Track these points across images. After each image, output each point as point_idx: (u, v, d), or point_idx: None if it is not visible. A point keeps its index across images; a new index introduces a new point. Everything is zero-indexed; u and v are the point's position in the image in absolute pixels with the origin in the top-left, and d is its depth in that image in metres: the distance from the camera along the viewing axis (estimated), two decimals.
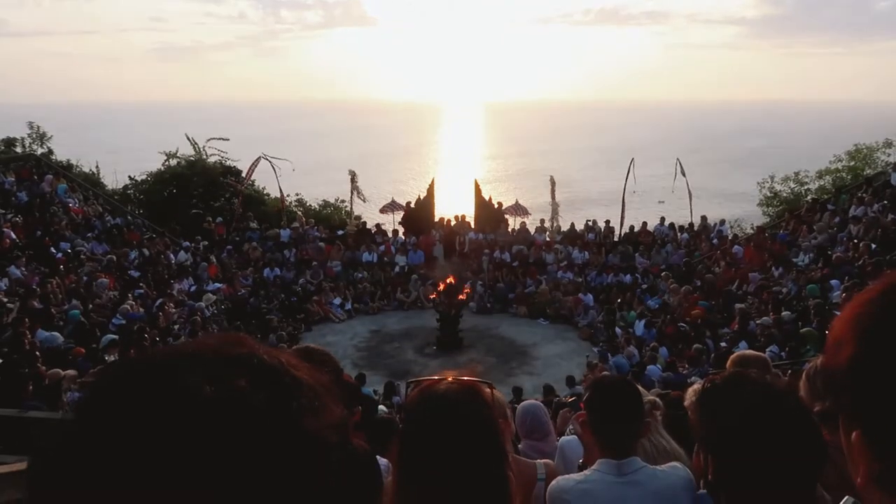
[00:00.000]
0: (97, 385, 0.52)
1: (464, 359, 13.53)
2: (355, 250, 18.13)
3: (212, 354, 0.54)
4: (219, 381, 0.51)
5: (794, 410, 1.28)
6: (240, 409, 0.50)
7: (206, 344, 0.56)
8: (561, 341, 14.60)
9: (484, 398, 1.34)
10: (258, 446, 0.49)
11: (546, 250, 18.07)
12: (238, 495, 0.47)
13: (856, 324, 0.61)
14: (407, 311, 16.56)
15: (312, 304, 15.71)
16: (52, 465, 0.48)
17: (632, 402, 1.97)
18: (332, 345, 13.55)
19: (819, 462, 1.25)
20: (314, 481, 0.52)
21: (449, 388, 1.33)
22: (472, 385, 1.36)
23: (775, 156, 50.52)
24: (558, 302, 16.06)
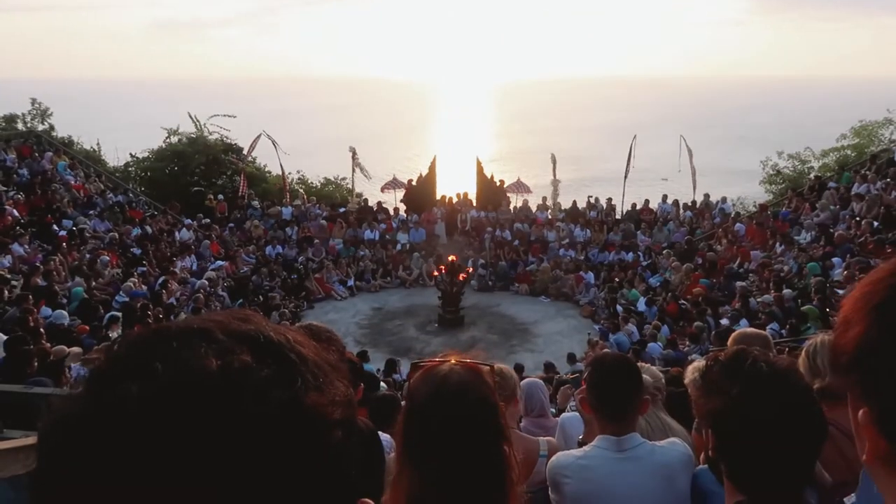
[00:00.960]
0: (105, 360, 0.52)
1: (465, 336, 13.62)
2: (357, 228, 18.12)
3: (218, 329, 0.54)
4: (224, 355, 0.51)
5: (796, 387, 1.28)
6: (244, 384, 0.50)
7: (213, 319, 0.56)
8: (562, 319, 14.67)
9: (486, 381, 1.34)
10: (262, 421, 0.49)
11: (548, 228, 18.05)
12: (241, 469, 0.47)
13: (865, 303, 0.62)
14: (409, 288, 16.61)
15: (314, 282, 15.77)
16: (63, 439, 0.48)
17: (631, 379, 1.97)
18: (334, 322, 13.63)
19: (819, 439, 1.26)
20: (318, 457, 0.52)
21: (452, 370, 1.33)
22: (474, 367, 1.36)
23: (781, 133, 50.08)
24: (560, 280, 16.10)
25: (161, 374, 0.49)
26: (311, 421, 0.52)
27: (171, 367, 0.50)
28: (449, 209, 19.00)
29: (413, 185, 19.30)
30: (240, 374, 0.51)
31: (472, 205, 19.31)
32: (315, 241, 17.45)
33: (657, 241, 17.27)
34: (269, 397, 0.51)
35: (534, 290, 16.17)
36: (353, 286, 16.27)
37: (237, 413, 0.49)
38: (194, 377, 0.49)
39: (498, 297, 16.09)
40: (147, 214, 16.64)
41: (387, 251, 17.51)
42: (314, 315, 14.42)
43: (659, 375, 2.89)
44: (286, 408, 0.51)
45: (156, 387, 0.48)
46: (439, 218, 18.62)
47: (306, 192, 20.88)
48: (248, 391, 0.50)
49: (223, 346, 0.53)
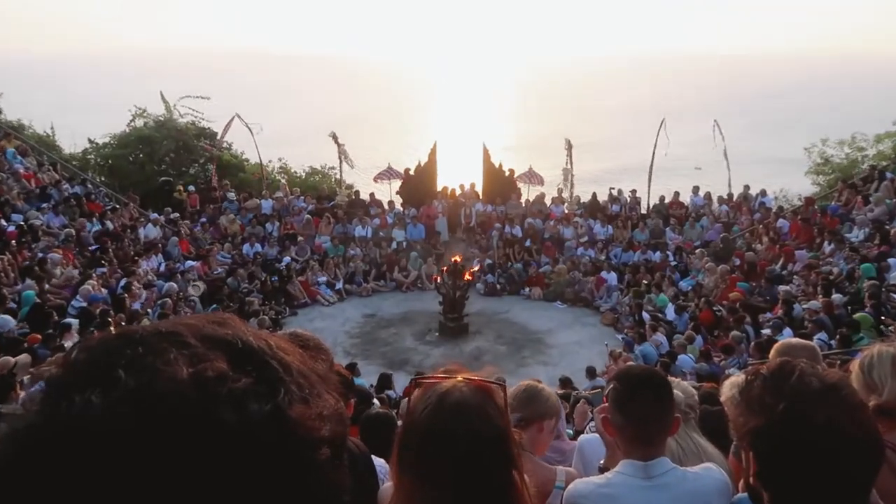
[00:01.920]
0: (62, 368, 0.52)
1: (470, 347, 13.64)
2: (347, 224, 18.14)
3: (190, 334, 0.54)
4: (197, 362, 0.51)
5: (848, 404, 1.28)
6: (219, 395, 0.50)
7: (186, 323, 0.56)
8: (580, 327, 14.68)
9: (495, 401, 1.33)
10: (239, 437, 0.49)
11: (564, 224, 18.06)
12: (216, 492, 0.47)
13: None
14: (405, 292, 16.64)
15: (298, 285, 15.79)
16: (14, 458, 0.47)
17: (661, 396, 1.96)
18: (321, 331, 13.63)
19: (875, 463, 1.25)
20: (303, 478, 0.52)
21: (458, 390, 1.33)
22: (483, 386, 1.35)
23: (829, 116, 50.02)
24: (577, 283, 16.11)
25: (125, 384, 0.49)
26: (295, 437, 0.52)
27: (136, 375, 0.49)
28: (451, 202, 19.03)
29: (410, 174, 19.31)
30: (214, 384, 0.51)
31: (478, 197, 19.32)
32: (299, 239, 17.46)
33: (688, 239, 17.27)
34: (248, 410, 0.51)
35: (548, 294, 16.18)
36: (342, 290, 16.29)
37: (211, 427, 0.48)
38: (162, 387, 0.49)
39: (507, 302, 16.10)
40: (108, 208, 16.66)
41: (380, 250, 17.53)
42: (298, 322, 14.40)
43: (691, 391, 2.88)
44: (267, 421, 0.51)
45: (119, 397, 0.48)
46: (440, 212, 18.64)
47: (289, 183, 20.90)
48: (224, 402, 0.50)
49: (196, 352, 0.52)
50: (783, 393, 1.29)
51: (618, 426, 1.99)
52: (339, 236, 17.85)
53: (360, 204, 19.06)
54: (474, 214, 18.69)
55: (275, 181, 21.37)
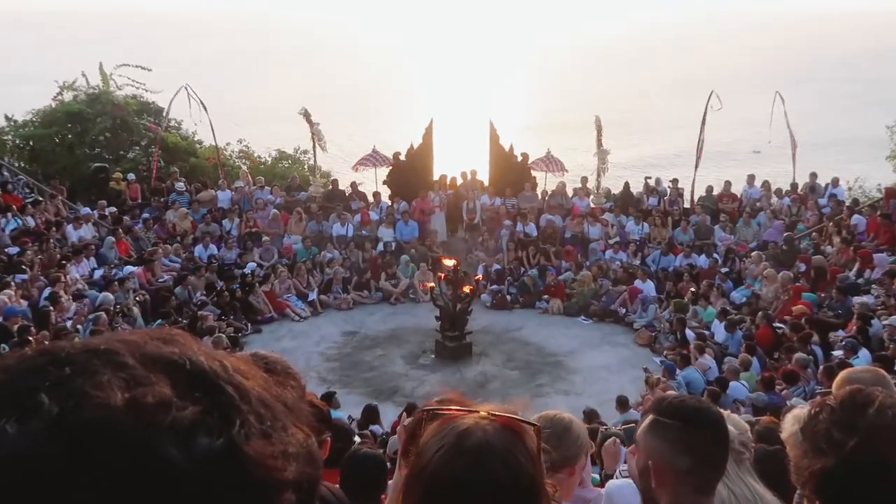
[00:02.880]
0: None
1: (473, 372, 13.64)
2: (322, 221, 18.15)
3: (128, 352, 0.55)
4: (135, 386, 0.52)
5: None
6: (161, 425, 0.50)
7: (124, 339, 0.57)
8: (609, 348, 14.68)
9: (527, 445, 1.32)
10: (184, 477, 0.49)
11: (590, 221, 18.08)
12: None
13: None
14: (394, 305, 16.64)
15: (262, 296, 15.77)
16: None
17: (710, 433, 1.96)
18: (290, 352, 13.63)
19: None
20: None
21: (481, 429, 1.30)
22: (514, 426, 1.33)
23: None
24: (606, 293, 16.11)
25: (47, 411, 0.49)
26: (252, 478, 0.52)
27: (60, 400, 0.50)
28: (451, 195, 19.07)
29: (400, 160, 19.31)
30: (155, 412, 0.51)
31: (484, 188, 19.33)
32: (264, 239, 17.47)
33: (742, 240, 17.28)
34: (195, 444, 0.51)
35: (569, 307, 16.19)
36: (316, 301, 16.29)
37: (150, 465, 0.49)
38: (92, 415, 0.49)
39: (519, 317, 16.12)
40: (28, 201, 16.66)
41: (364, 253, 17.53)
42: (262, 342, 14.38)
43: (745, 427, 2.88)
44: (218, 459, 0.51)
45: (39, 427, 0.48)
46: (437, 207, 18.65)
47: (251, 171, 20.90)
48: (166, 435, 0.50)
49: (133, 374, 0.53)
50: (855, 428, 1.29)
51: (657, 470, 1.98)
52: (313, 236, 17.85)
53: (338, 196, 19.06)
54: (479, 209, 18.71)
55: (234, 168, 21.37)
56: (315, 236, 17.86)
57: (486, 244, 17.84)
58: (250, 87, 60.31)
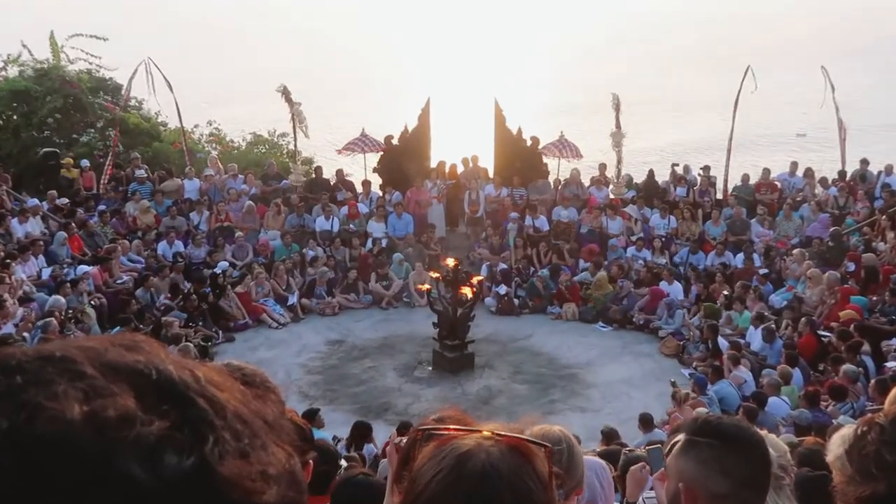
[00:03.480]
0: None
1: (477, 386, 13.64)
2: (304, 214, 18.16)
3: (87, 360, 0.55)
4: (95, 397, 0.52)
5: None
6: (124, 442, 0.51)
7: (82, 346, 0.57)
8: (631, 359, 14.69)
9: (538, 472, 1.31)
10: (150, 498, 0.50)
11: (609, 214, 18.09)
12: None
13: None
14: (386, 309, 16.67)
15: (235, 300, 15.76)
16: None
17: (749, 454, 1.97)
18: (268, 363, 13.62)
19: None
20: None
21: (484, 451, 1.29)
22: (522, 447, 1.33)
23: None
24: (627, 296, 16.11)
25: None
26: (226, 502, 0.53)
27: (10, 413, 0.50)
28: (450, 184, 19.07)
29: (393, 144, 19.31)
30: (117, 427, 0.51)
31: (488, 177, 19.34)
32: (237, 235, 17.46)
33: (783, 236, 17.29)
34: (162, 463, 0.51)
35: (586, 312, 16.20)
36: (297, 306, 16.30)
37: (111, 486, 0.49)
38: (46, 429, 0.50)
39: (528, 323, 16.14)
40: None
41: (351, 250, 17.54)
42: (236, 352, 14.38)
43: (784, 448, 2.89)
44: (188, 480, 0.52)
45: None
46: (435, 198, 18.65)
47: (223, 157, 20.90)
48: (130, 452, 0.50)
49: (93, 385, 0.53)
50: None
51: (710, 496, 1.98)
52: (294, 231, 17.84)
53: (322, 186, 19.05)
54: (482, 200, 18.73)
55: (203, 154, 21.35)
56: (296, 232, 17.85)
57: (490, 240, 17.86)
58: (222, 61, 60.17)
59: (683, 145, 34.28)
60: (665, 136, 38.41)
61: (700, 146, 32.24)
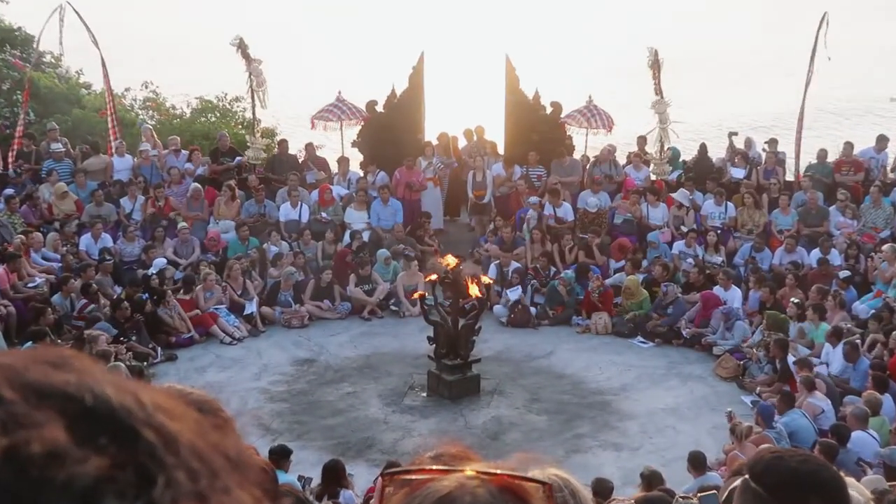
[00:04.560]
0: None
1: (483, 417, 13.64)
2: (265, 200, 18.20)
3: (6, 381, 0.56)
4: (14, 428, 0.53)
5: None
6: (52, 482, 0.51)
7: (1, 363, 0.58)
8: (678, 382, 14.71)
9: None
10: None
11: (650, 201, 18.12)
12: None
13: None
14: (368, 320, 16.72)
15: (178, 308, 15.77)
16: None
17: None
18: (219, 388, 13.64)
19: None
20: None
21: (469, 492, 1.30)
22: (513, 488, 1.31)
23: None
24: (673, 304, 16.12)
25: None
26: None
27: None
28: (451, 162, 19.11)
29: (377, 112, 19.35)
30: (44, 465, 0.52)
31: (497, 153, 19.39)
32: (180, 226, 17.47)
33: (869, 227, 17.32)
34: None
35: (621, 325, 16.21)
36: (255, 316, 16.32)
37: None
38: None
39: (548, 338, 16.17)
40: None
41: (325, 246, 17.58)
42: (178, 373, 14.42)
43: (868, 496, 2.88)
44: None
45: None
46: (430, 179, 18.69)
47: (161, 128, 20.92)
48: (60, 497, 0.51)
49: (12, 412, 0.54)
50: None
51: None
52: (252, 222, 17.89)
53: (288, 164, 19.10)
54: (490, 183, 18.75)
55: (137, 124, 21.34)
56: (254, 222, 17.90)
57: (501, 233, 17.87)
58: (163, 8, 60.16)
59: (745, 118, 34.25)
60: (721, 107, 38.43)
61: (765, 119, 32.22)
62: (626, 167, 19.19)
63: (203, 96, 24.03)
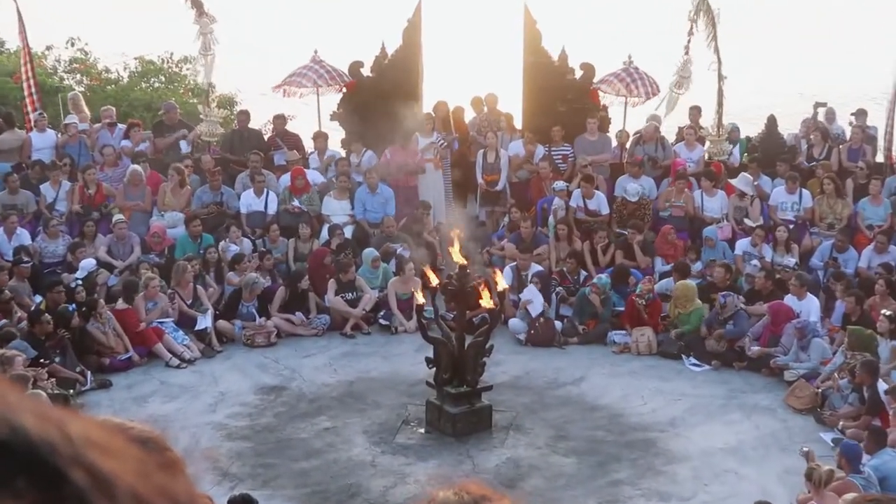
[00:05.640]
0: None
1: (498, 459, 13.64)
2: (223, 186, 18.30)
3: None
4: None
5: None
6: None
7: None
8: (740, 416, 14.72)
9: None
10: None
11: (705, 188, 18.20)
12: None
13: None
14: (352, 337, 16.82)
15: (114, 322, 15.79)
16: None
17: None
18: (167, 421, 13.69)
19: None
20: None
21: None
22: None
23: None
24: (734, 317, 16.11)
25: None
26: None
27: None
28: (455, 139, 19.22)
29: (364, 77, 19.46)
30: None
31: (513, 127, 19.48)
32: (116, 219, 17.52)
33: None
34: None
35: (669, 342, 16.28)
36: (210, 331, 16.39)
37: None
38: None
39: (578, 359, 16.25)
40: None
41: (298, 244, 17.70)
42: (113, 404, 14.50)
43: None
44: None
45: None
46: (430, 160, 18.77)
47: (92, 97, 20.96)
48: None
49: None
50: None
51: None
52: (207, 213, 17.97)
53: (250, 142, 19.17)
54: (505, 165, 18.85)
55: (63, 91, 21.39)
56: (209, 214, 17.98)
57: (518, 228, 17.92)
58: None
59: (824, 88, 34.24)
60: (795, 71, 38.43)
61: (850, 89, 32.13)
62: (676, 145, 19.24)
63: (144, 56, 24.09)
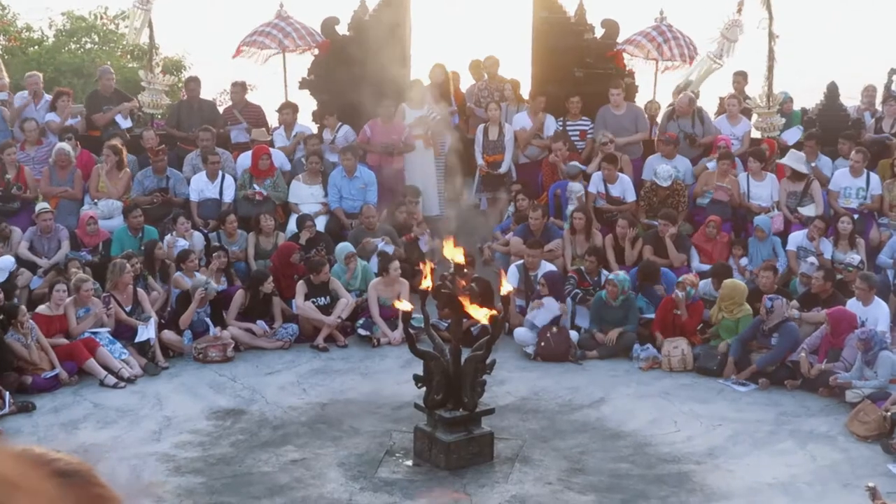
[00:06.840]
0: None
1: (500, 498, 13.56)
2: (168, 170, 18.41)
3: None
4: None
5: None
6: None
7: None
8: (794, 444, 14.68)
9: None
10: None
11: (752, 170, 18.22)
12: None
13: None
14: (325, 351, 16.86)
15: (37, 333, 15.79)
16: None
17: None
18: (101, 451, 13.63)
19: None
20: None
21: None
22: None
23: None
24: (786, 330, 16.13)
25: None
26: None
27: None
28: (451, 112, 19.35)
29: (339, 37, 19.48)
30: None
31: (520, 97, 19.53)
32: (39, 208, 17.53)
33: None
34: None
35: (708, 357, 16.27)
36: (153, 344, 16.41)
37: None
38: None
39: (596, 376, 16.29)
40: None
41: (260, 239, 17.77)
42: (36, 429, 14.53)
43: None
44: None
45: None
46: (420, 137, 18.83)
47: (11, 60, 20.98)
48: None
49: None
50: None
51: None
52: (149, 201, 18.04)
53: (202, 115, 19.23)
54: (509, 143, 18.94)
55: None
56: (152, 203, 18.01)
57: (528, 219, 17.96)
58: None
59: None
60: None
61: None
62: (718, 119, 19.19)
63: (73, 11, 24.01)
